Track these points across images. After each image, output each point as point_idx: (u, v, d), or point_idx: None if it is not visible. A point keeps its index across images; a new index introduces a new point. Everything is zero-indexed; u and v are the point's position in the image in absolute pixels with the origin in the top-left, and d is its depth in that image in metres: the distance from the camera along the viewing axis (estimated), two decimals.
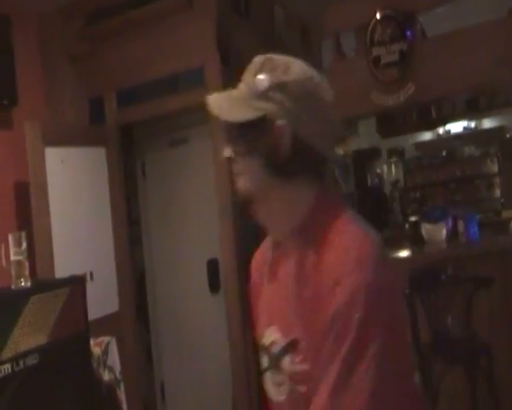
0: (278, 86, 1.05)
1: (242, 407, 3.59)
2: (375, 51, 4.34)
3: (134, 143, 4.45)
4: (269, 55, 1.10)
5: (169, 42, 3.78)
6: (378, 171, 6.59)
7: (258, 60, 1.11)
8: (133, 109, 4.02)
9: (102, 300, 3.47)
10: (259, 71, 1.08)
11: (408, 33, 4.24)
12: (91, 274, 3.34)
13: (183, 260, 4.14)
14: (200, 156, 3.88)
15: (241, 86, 1.10)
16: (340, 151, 7.10)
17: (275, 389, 1.13)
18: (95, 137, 3.85)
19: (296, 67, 1.08)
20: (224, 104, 1.10)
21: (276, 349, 1.11)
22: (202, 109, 4.08)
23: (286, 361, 1.08)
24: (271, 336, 1.13)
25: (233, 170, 1.12)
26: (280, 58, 1.10)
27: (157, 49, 3.82)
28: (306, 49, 5.63)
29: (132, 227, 4.24)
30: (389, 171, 6.71)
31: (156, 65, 3.82)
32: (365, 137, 7.69)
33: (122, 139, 4.08)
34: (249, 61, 1.14)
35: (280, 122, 1.05)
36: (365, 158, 7.01)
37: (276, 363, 1.11)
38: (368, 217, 1.12)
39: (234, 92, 1.11)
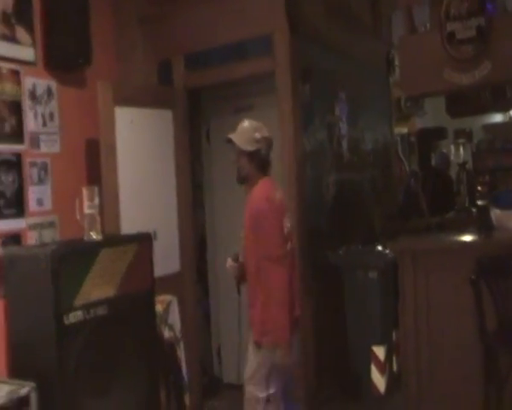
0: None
1: None
2: (450, 26, 4.13)
3: (200, 108, 4.47)
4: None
5: (238, 8, 3.75)
6: (444, 151, 6.38)
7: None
8: (200, 74, 4.03)
9: (165, 259, 3.54)
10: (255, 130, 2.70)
11: (488, 7, 4.02)
12: (155, 233, 3.41)
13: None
14: (265, 125, 3.84)
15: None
16: (404, 129, 6.93)
17: None
18: (162, 100, 3.90)
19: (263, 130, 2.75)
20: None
21: None
22: (269, 78, 4.03)
23: None
24: None
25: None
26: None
27: (226, 16, 3.80)
28: (376, 22, 5.47)
29: (195, 191, 4.30)
30: (456, 152, 6.48)
31: (225, 31, 3.81)
32: (431, 116, 7.45)
33: (189, 104, 4.11)
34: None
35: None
36: (430, 137, 6.80)
37: None
38: (431, 197, 1.10)
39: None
